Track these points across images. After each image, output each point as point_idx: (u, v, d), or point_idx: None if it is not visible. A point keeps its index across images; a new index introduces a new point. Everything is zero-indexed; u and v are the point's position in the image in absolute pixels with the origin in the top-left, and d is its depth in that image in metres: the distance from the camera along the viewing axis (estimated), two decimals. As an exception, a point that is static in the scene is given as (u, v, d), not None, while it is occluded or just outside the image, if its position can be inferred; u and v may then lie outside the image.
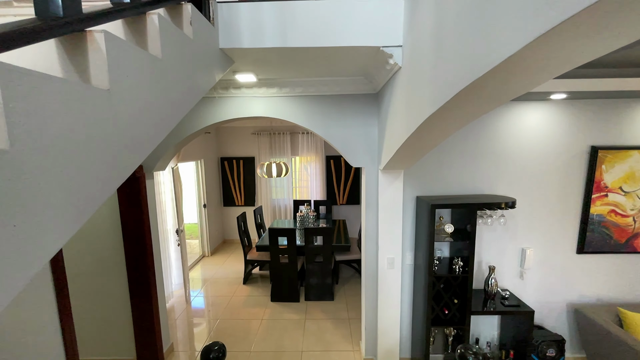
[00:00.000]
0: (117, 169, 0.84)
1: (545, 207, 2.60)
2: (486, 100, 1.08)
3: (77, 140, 0.69)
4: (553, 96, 2.28)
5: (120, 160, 0.85)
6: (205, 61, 1.48)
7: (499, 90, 0.98)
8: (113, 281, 2.69)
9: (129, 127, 0.89)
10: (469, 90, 0.98)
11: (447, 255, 2.66)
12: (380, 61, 1.86)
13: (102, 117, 0.78)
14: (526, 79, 0.86)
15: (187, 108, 1.27)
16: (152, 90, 1.01)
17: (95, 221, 2.56)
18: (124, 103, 0.86)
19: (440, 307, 2.43)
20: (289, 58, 1.86)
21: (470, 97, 1.05)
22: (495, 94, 1.01)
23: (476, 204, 2.23)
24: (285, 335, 3.29)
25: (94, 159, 0.75)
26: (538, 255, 2.65)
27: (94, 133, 0.75)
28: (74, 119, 0.69)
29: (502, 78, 0.87)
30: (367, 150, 2.52)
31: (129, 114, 0.88)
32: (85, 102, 0.72)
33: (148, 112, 0.99)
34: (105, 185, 0.79)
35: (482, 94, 1.01)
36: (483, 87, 0.95)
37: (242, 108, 2.55)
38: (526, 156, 2.54)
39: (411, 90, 1.56)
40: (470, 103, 1.12)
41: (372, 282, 2.66)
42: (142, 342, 2.80)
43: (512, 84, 0.92)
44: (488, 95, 1.02)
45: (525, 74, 0.83)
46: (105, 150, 0.79)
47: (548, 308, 2.72)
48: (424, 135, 1.59)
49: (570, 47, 0.68)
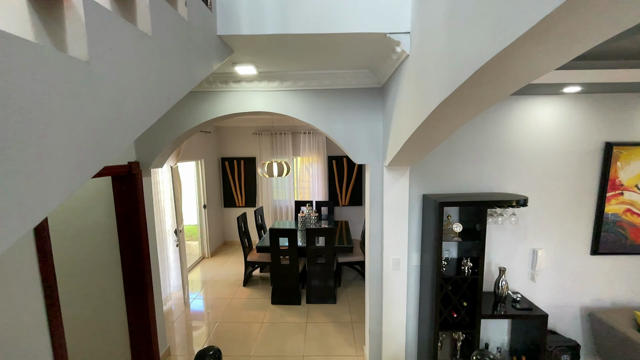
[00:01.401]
0: (96, 151, 0.75)
1: (557, 206, 2.49)
2: (508, 81, 0.99)
3: (49, 112, 0.60)
4: (566, 89, 2.18)
5: (100, 141, 0.76)
6: (201, 47, 1.39)
7: (526, 65, 0.88)
8: (107, 282, 2.59)
9: (112, 105, 0.80)
10: (492, 65, 0.88)
11: (454, 256, 2.55)
12: (386, 50, 1.77)
13: (79, 90, 0.69)
14: (564, 45, 0.76)
15: (180, 93, 1.18)
16: (140, 69, 0.92)
17: (89, 219, 2.48)
18: (107, 78, 0.77)
19: (449, 310, 2.32)
20: (291, 47, 1.78)
21: (491, 75, 0.96)
22: (521, 69, 0.91)
23: (486, 202, 2.13)
24: (286, 339, 3.18)
25: (69, 136, 0.66)
26: (550, 257, 2.54)
27: (70, 108, 0.66)
28: (46, 88, 0.60)
29: (532, 48, 0.78)
30: (371, 147, 2.43)
31: (112, 90, 0.79)
32: (59, 71, 0.64)
33: (135, 91, 0.90)
34: (82, 168, 0.70)
35: (506, 70, 0.92)
36: (508, 62, 0.86)
37: (242, 103, 2.47)
38: (537, 153, 2.44)
39: (420, 78, 1.47)
40: (489, 84, 1.02)
41: (377, 284, 2.55)
42: (138, 346, 2.70)
43: (544, 56, 0.82)
44: (513, 71, 0.93)
45: (563, 40, 0.73)
46: (83, 127, 0.70)
47: (561, 312, 2.60)
48: (433, 126, 1.50)
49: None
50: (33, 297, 1.57)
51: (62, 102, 0.65)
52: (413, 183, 2.47)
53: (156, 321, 2.76)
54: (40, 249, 1.60)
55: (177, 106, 2.47)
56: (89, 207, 2.48)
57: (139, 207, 2.52)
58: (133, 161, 2.47)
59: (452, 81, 1.10)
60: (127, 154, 2.43)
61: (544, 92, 2.29)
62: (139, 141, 2.52)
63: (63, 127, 0.65)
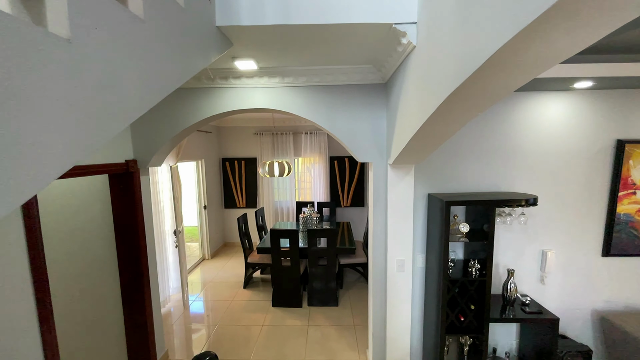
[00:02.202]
0: (79, 137, 0.68)
1: (567, 206, 2.41)
2: (523, 67, 0.92)
3: (23, 92, 0.54)
4: (577, 84, 2.11)
5: (84, 127, 0.70)
6: (199, 37, 1.33)
7: (545, 49, 0.81)
8: (104, 283, 2.52)
9: (98, 90, 0.73)
10: (507, 49, 0.82)
11: (461, 257, 2.47)
12: (391, 42, 1.70)
13: (59, 70, 0.63)
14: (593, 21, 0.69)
15: (175, 84, 1.12)
16: (131, 54, 0.86)
17: (85, 218, 2.41)
18: (91, 60, 0.71)
19: (456, 313, 2.24)
20: (292, 39, 1.72)
21: (506, 61, 0.89)
22: (540, 54, 0.84)
23: (495, 201, 2.05)
24: (287, 343, 3.10)
25: (47, 119, 0.60)
26: (560, 258, 2.45)
27: (48, 88, 0.60)
28: (21, 65, 0.54)
29: (555, 28, 0.71)
30: (375, 144, 2.36)
31: (97, 73, 0.73)
32: (37, 47, 0.57)
33: (125, 77, 0.83)
34: (62, 155, 0.64)
35: (523, 54, 0.85)
36: (525, 45, 0.79)
37: (242, 99, 2.41)
38: (545, 151, 2.36)
39: (428, 69, 1.40)
40: (503, 71, 0.95)
41: (380, 287, 2.48)
42: (135, 349, 2.63)
43: (565, 39, 0.75)
44: (529, 57, 0.86)
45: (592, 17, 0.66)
46: (63, 110, 0.64)
47: (571, 315, 2.51)
48: (441, 120, 1.43)
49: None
50: (24, 295, 1.50)
51: (39, 81, 0.58)
52: (418, 182, 2.40)
53: (154, 324, 2.69)
54: (31, 246, 1.54)
55: (176, 103, 2.41)
56: (85, 205, 2.41)
57: (137, 207, 2.46)
58: (130, 159, 2.41)
59: (463, 70, 1.03)
60: (124, 151, 2.37)
61: (553, 87, 2.22)
62: (137, 139, 2.46)
63: (40, 108, 0.59)
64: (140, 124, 2.44)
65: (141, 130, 2.45)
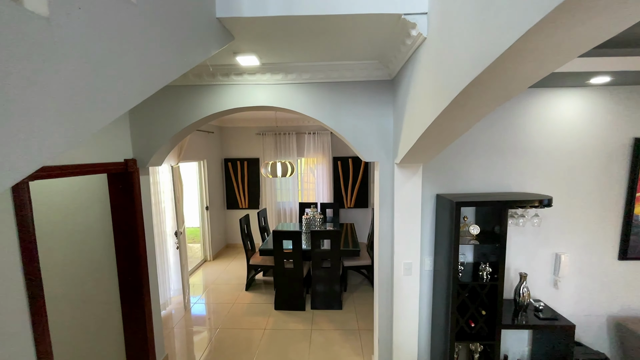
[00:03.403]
0: (59, 126, 0.61)
1: (581, 208, 2.31)
2: (548, 55, 0.83)
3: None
4: (593, 80, 2.01)
5: (65, 116, 0.62)
6: (198, 27, 1.26)
7: (582, 29, 0.73)
8: (102, 285, 2.46)
9: (81, 76, 0.66)
10: (532, 36, 0.74)
11: (470, 260, 2.38)
12: (399, 34, 1.62)
13: (36, 51, 0.56)
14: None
15: (170, 75, 1.05)
16: (121, 39, 0.79)
17: (83, 218, 2.35)
18: (74, 42, 0.64)
19: (466, 319, 2.15)
20: (295, 31, 1.64)
21: (529, 50, 0.81)
22: (575, 35, 0.76)
23: (508, 202, 1.96)
24: (290, 347, 3.02)
25: (22, 105, 0.53)
26: (574, 262, 2.35)
27: (23, 70, 0.53)
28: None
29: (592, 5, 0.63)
30: (381, 143, 2.28)
31: (80, 57, 0.66)
32: (11, 25, 0.50)
33: (113, 64, 0.76)
34: (36, 145, 0.57)
35: (550, 38, 0.77)
36: (560, 24, 0.71)
37: (244, 97, 2.34)
38: (559, 150, 2.27)
39: (440, 62, 1.32)
40: (523, 62, 0.87)
41: (387, 290, 2.39)
42: (133, 353, 2.56)
43: (600, 19, 0.67)
44: (555, 42, 0.78)
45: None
46: (38, 96, 0.56)
47: (586, 321, 2.41)
48: (454, 115, 1.35)
49: None
50: (17, 298, 1.44)
51: (14, 61, 0.51)
52: (425, 182, 2.31)
53: (153, 327, 2.62)
54: (24, 246, 1.47)
55: (176, 101, 2.35)
56: (83, 206, 2.35)
57: (136, 207, 2.39)
58: (130, 158, 2.35)
59: (480, 61, 0.95)
60: (123, 150, 2.31)
61: (568, 83, 2.12)
62: (136, 137, 2.39)
63: (12, 92, 0.52)
64: (139, 123, 2.38)
65: (141, 129, 2.38)
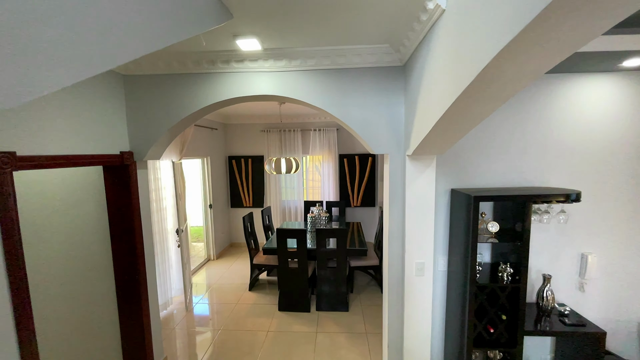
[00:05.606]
0: None
1: (610, 204, 2.12)
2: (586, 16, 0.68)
3: None
4: (626, 62, 1.83)
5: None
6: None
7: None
8: (97, 283, 2.35)
9: (48, 21, 0.53)
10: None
11: (488, 260, 2.21)
12: (414, 9, 1.47)
13: None
14: None
15: (158, 42, 0.91)
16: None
17: (77, 213, 2.24)
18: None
19: (484, 324, 1.98)
20: (299, 8, 1.50)
21: None
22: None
23: (531, 196, 1.79)
24: (294, 350, 2.88)
25: None
26: (602, 263, 2.17)
27: None
28: None
29: None
30: (391, 134, 2.13)
31: None
32: None
33: (93, 14, 0.63)
34: None
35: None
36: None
37: (245, 85, 2.21)
38: (586, 142, 2.09)
39: (462, 35, 1.16)
40: (579, 9, 0.71)
41: (397, 292, 2.23)
42: (131, 356, 2.45)
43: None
44: None
45: None
46: None
47: (615, 327, 2.22)
48: (475, 98, 1.20)
49: None
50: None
51: None
52: (439, 176, 2.16)
53: (152, 328, 2.51)
54: (6, 244, 1.36)
55: (173, 90, 2.23)
56: (78, 200, 2.25)
57: (133, 202, 2.28)
58: (126, 151, 2.24)
59: (512, 25, 0.80)
60: (119, 142, 2.20)
61: (596, 67, 1.95)
62: (133, 129, 2.28)
63: None
64: (136, 113, 2.26)
65: (137, 120, 2.27)
